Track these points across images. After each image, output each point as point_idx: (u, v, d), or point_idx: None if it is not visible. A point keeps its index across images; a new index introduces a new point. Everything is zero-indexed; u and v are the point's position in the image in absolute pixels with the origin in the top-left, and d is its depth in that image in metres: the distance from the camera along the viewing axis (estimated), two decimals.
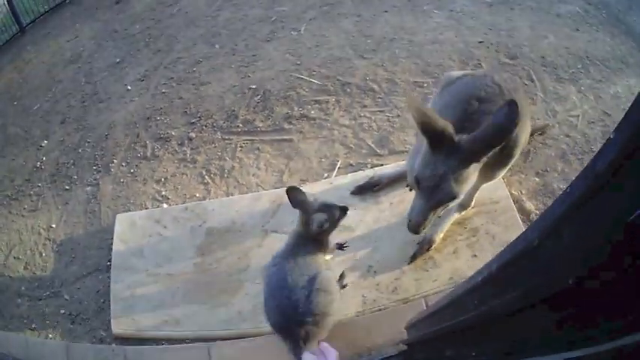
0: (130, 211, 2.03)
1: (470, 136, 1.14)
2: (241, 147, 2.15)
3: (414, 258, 1.59)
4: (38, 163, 2.41)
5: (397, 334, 1.34)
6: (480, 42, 2.47)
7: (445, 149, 1.14)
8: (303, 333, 1.17)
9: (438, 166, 1.15)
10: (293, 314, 1.18)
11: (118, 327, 1.63)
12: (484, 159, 1.16)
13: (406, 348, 1.30)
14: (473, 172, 1.18)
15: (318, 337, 1.23)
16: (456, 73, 1.54)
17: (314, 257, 1.29)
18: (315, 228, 1.27)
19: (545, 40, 2.44)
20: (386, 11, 2.75)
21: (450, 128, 1.14)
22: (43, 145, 2.50)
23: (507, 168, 1.45)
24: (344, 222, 1.39)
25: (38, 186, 2.29)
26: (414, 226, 1.23)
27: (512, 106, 1.08)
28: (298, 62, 2.52)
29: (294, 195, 1.29)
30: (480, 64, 2.35)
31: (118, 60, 2.89)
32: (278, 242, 1.65)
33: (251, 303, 1.56)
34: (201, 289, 1.68)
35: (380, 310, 1.52)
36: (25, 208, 2.23)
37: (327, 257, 1.37)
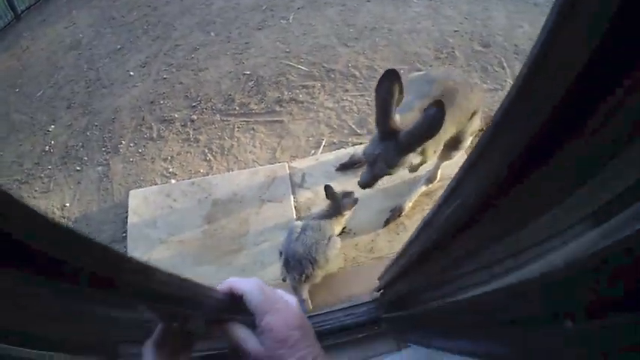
0: (141, 187, 2.27)
1: (406, 131, 1.37)
2: (238, 127, 2.39)
3: (387, 223, 1.90)
4: (47, 147, 2.55)
5: (372, 285, 1.53)
6: (456, 31, 2.70)
7: (387, 138, 1.41)
8: (309, 271, 1.57)
9: (376, 148, 1.44)
10: (308, 255, 1.58)
11: None
12: (419, 148, 1.43)
13: (379, 295, 1.52)
14: (411, 157, 1.46)
15: (313, 280, 1.61)
16: (413, 74, 1.80)
17: (330, 226, 1.71)
18: (343, 209, 1.75)
19: (520, 29, 2.65)
20: (369, 1, 2.96)
21: (394, 124, 1.39)
22: (50, 129, 2.65)
23: (462, 150, 1.76)
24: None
25: (48, 168, 2.44)
26: (361, 185, 1.56)
27: (439, 106, 1.25)
28: (287, 50, 2.73)
29: (329, 189, 1.72)
30: (453, 52, 2.58)
31: (118, 47, 3.05)
32: (273, 209, 2.01)
33: (251, 260, 1.85)
34: (208, 252, 1.94)
35: (358, 265, 1.83)
36: (36, 190, 2.39)
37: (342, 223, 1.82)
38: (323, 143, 2.26)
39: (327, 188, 1.72)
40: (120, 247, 2.13)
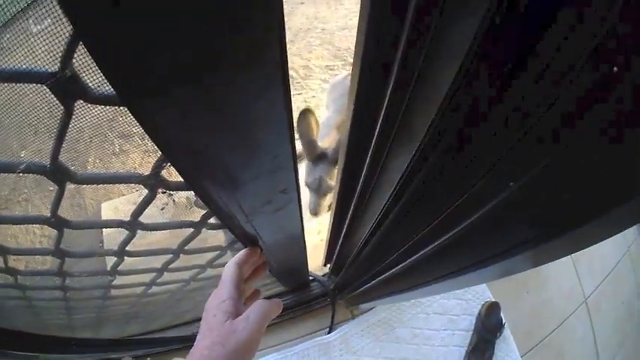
0: (110, 199, 2.51)
1: (332, 148, 1.44)
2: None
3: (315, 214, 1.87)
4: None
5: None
6: None
7: (320, 161, 1.47)
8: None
9: (315, 174, 1.48)
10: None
11: None
12: None
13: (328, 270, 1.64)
14: None
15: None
16: (335, 79, 1.85)
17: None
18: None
19: None
20: (302, 3, 2.86)
21: (320, 149, 1.45)
22: (22, 155, 1.91)
23: None
24: None
25: (25, 192, 2.54)
26: (313, 214, 1.59)
27: None
28: None
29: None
30: None
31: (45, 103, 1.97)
32: None
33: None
34: None
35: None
36: (16, 214, 2.23)
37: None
38: None
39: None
40: (92, 262, 2.34)
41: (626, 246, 2.08)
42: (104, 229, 2.38)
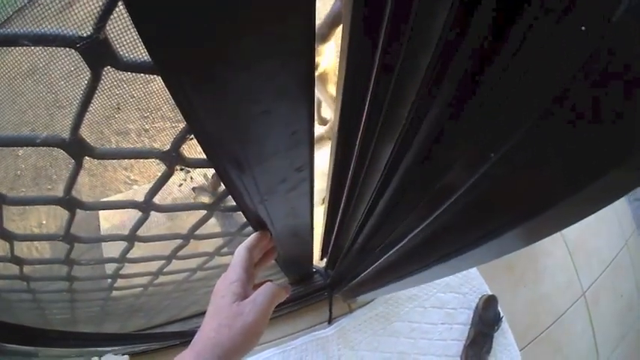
0: (107, 196, 2.51)
1: None
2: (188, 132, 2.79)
3: None
4: (18, 171, 2.63)
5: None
6: None
7: None
8: None
9: None
10: None
11: None
12: None
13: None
14: None
15: None
16: None
17: None
18: None
19: None
20: None
21: None
22: (20, 154, 2.68)
23: None
24: None
25: (22, 191, 2.53)
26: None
27: None
28: None
29: None
30: None
31: (72, 69, 1.99)
32: None
33: None
34: None
35: None
36: (14, 213, 2.48)
37: None
38: None
39: None
40: (97, 252, 2.18)
41: (624, 239, 2.08)
42: (101, 226, 2.39)
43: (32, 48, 0.31)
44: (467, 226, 0.42)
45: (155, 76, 0.32)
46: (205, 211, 0.71)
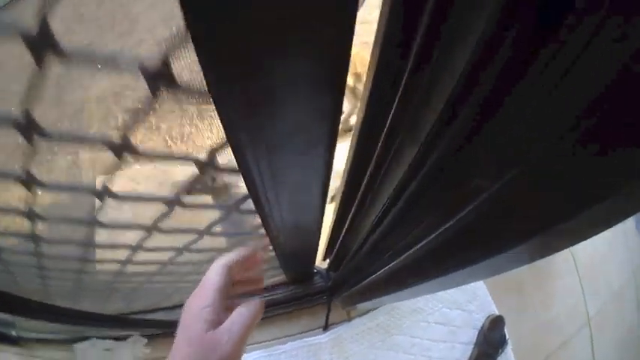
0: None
1: None
2: (197, 115, 2.57)
3: None
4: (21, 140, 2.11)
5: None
6: None
7: None
8: None
9: None
10: None
11: None
12: None
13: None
14: None
15: None
16: None
17: None
18: None
19: None
20: None
21: None
22: None
23: None
24: None
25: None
26: None
27: None
28: None
29: None
30: None
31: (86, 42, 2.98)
32: None
33: None
34: None
35: None
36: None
37: None
38: None
39: None
40: (90, 230, 2.33)
41: (631, 267, 2.03)
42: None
43: None
44: (491, 233, 0.41)
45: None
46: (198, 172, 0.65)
